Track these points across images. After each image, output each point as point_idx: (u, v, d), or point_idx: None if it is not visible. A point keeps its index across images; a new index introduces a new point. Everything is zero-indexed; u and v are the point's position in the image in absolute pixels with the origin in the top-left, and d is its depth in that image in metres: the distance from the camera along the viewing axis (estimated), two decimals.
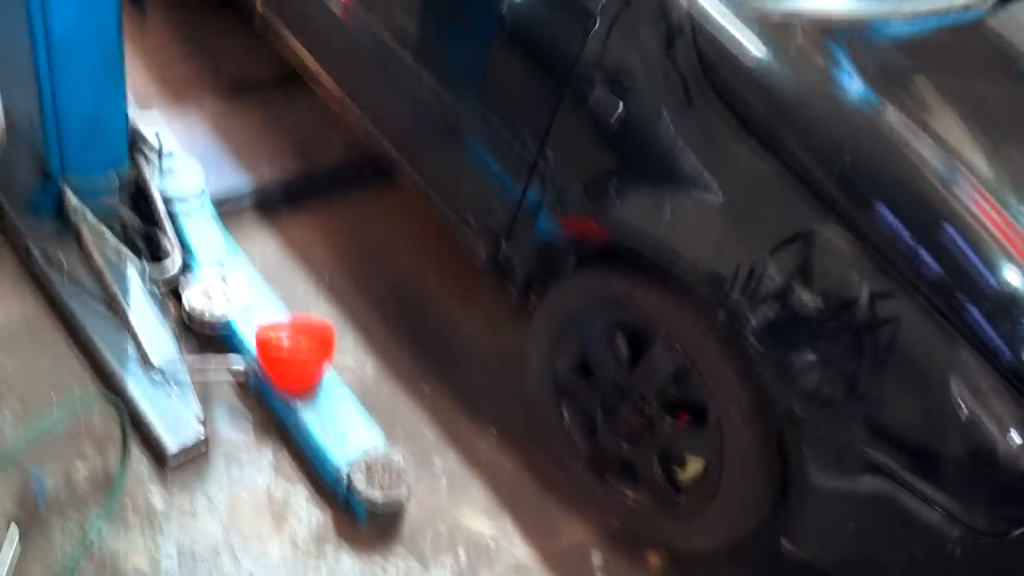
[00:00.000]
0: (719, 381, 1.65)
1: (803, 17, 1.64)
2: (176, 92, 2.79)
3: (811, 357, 1.49)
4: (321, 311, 2.30)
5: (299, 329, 2.03)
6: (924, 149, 1.48)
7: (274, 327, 2.01)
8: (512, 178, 1.92)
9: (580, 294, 1.92)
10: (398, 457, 1.90)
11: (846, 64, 1.58)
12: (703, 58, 1.55)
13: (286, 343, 1.98)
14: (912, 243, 1.40)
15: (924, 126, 1.52)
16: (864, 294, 1.42)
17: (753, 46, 1.56)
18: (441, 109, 2.07)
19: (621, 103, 1.62)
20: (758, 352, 1.53)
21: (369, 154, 2.50)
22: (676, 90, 1.57)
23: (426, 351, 2.29)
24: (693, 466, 1.85)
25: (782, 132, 1.49)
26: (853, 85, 1.57)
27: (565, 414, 2.02)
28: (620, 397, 1.89)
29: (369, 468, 1.86)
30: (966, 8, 1.80)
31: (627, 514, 1.98)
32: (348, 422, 1.95)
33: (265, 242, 2.45)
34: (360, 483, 1.83)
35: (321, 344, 1.98)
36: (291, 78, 2.68)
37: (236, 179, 2.49)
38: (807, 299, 1.46)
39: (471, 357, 2.31)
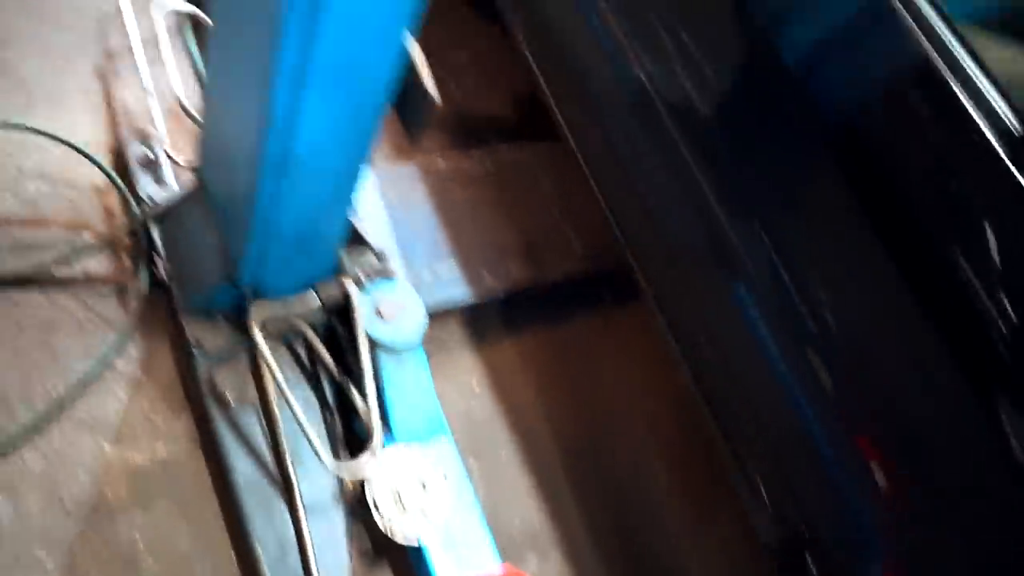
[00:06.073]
0: None
1: None
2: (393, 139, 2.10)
3: None
4: (522, 506, 1.79)
5: None
6: None
7: None
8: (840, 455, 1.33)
9: None
10: None
11: None
12: None
13: None
14: None
15: None
16: None
17: None
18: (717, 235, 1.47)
19: None
20: None
21: (610, 266, 1.92)
22: None
23: None
24: None
25: None
26: None
27: None
28: None
29: None
30: None
31: None
32: None
33: (465, 381, 1.91)
34: None
35: None
36: (535, 119, 2.03)
37: (452, 287, 1.92)
38: None
39: None
